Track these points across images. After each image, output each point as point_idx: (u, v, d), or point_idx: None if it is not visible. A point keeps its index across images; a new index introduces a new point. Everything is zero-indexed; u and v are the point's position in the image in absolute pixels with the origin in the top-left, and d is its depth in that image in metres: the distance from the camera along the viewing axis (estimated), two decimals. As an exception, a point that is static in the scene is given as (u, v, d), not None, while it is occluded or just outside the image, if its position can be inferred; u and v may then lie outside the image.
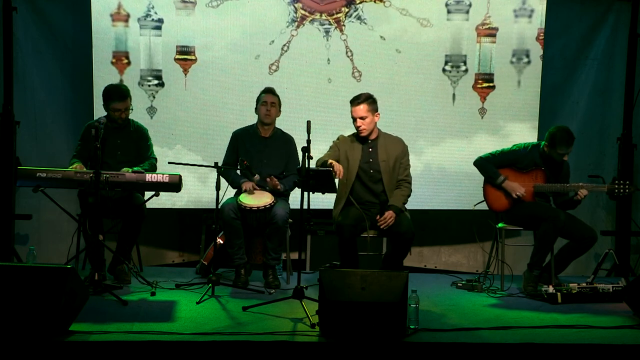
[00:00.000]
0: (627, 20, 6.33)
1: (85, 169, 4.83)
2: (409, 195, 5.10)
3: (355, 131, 5.11)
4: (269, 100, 5.28)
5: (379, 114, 5.07)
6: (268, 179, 5.17)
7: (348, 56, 6.06)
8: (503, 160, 5.32)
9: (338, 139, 5.17)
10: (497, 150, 5.40)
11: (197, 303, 4.55)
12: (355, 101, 5.02)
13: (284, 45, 5.97)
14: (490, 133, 6.21)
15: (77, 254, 5.20)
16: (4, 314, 3.67)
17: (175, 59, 5.92)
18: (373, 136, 5.10)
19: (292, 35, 5.99)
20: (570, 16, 6.43)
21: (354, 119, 5.03)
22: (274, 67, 5.97)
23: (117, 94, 5.10)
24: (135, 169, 4.95)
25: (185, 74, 5.92)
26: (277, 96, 5.33)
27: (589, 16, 6.44)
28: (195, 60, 5.92)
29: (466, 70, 6.19)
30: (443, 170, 6.20)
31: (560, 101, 6.49)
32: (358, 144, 5.11)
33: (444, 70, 6.17)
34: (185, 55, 5.93)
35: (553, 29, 6.30)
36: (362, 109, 4.99)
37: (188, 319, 4.21)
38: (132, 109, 5.22)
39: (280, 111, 5.37)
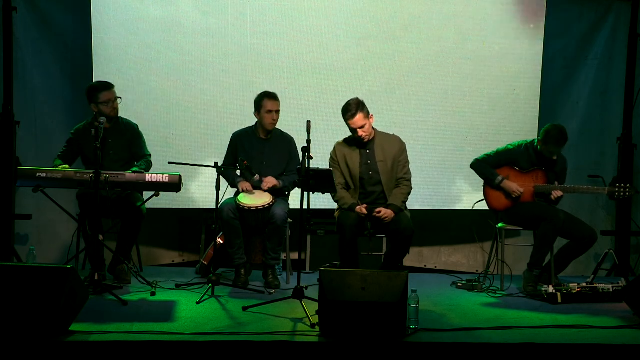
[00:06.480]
0: (627, 20, 6.34)
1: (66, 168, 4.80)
2: (409, 193, 5.06)
3: (349, 134, 5.04)
4: (274, 109, 5.19)
5: (372, 115, 5.00)
6: (263, 184, 5.14)
7: None
8: (500, 160, 5.32)
9: (334, 149, 5.11)
10: (492, 151, 5.39)
11: (197, 303, 4.55)
12: (349, 113, 4.90)
13: None
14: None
15: (77, 254, 5.19)
16: (4, 314, 3.67)
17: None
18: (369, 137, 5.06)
19: None
20: (570, 16, 6.43)
21: (354, 130, 4.94)
22: None
23: (103, 85, 5.08)
24: (134, 169, 4.94)
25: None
26: (278, 100, 5.25)
27: (589, 16, 6.45)
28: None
29: None
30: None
31: (560, 101, 6.50)
32: (355, 148, 5.05)
33: None
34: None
35: (553, 29, 6.30)
36: (359, 118, 4.90)
37: (188, 319, 4.20)
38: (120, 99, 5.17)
39: None
